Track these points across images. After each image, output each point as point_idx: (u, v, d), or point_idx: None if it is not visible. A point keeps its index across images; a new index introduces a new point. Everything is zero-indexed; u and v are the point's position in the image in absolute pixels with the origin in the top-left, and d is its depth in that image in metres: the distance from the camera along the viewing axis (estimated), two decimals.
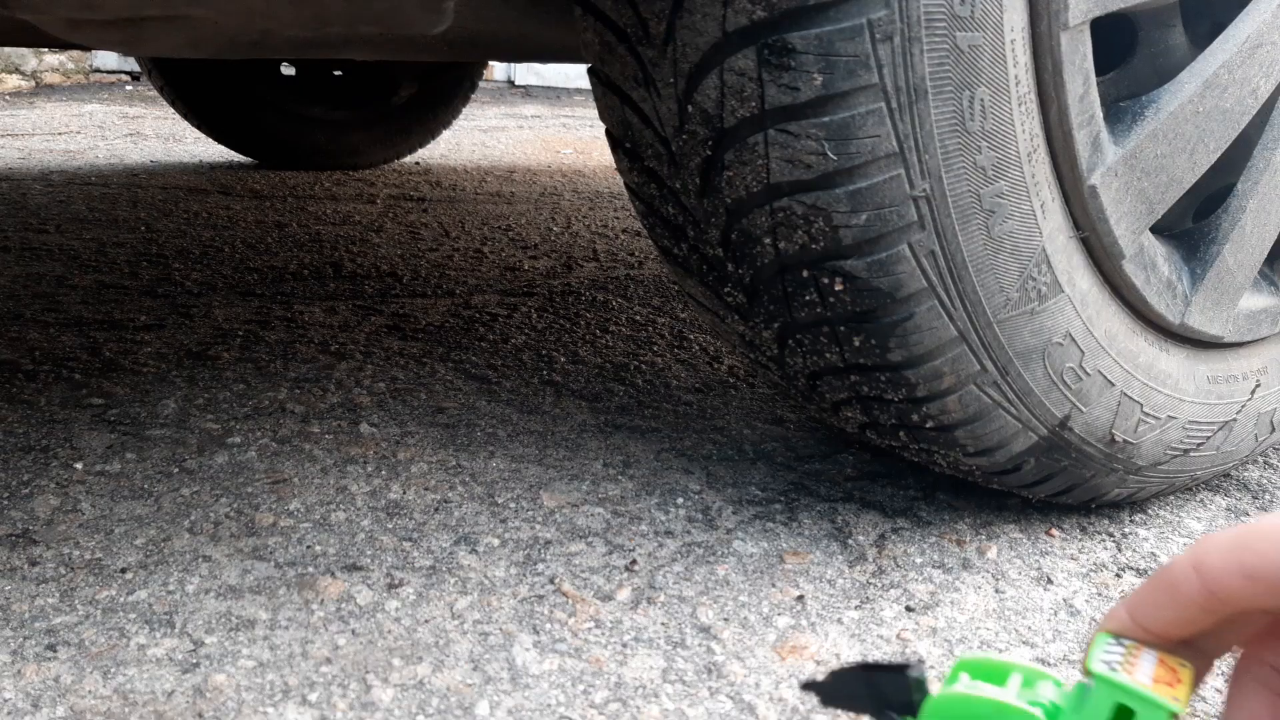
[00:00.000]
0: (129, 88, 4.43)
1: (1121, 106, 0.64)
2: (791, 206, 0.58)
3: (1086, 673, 0.37)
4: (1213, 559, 0.34)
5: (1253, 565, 0.33)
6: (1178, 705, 0.35)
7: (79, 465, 0.75)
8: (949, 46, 0.54)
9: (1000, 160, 0.58)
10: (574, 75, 5.11)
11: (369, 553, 0.64)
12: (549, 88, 5.22)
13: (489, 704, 0.49)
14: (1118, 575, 0.67)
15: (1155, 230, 0.69)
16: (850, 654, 0.55)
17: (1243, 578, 0.34)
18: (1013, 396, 0.64)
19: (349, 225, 1.75)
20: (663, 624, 0.56)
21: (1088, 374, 0.65)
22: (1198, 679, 0.38)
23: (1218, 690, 0.54)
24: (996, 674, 0.40)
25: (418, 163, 2.56)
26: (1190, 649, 0.38)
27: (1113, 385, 0.67)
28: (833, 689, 0.48)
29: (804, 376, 0.67)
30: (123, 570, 0.60)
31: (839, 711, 0.53)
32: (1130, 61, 0.68)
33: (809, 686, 0.49)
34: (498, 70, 5.28)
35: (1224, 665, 0.44)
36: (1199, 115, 0.64)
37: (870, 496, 0.76)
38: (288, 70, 2.33)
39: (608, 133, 0.69)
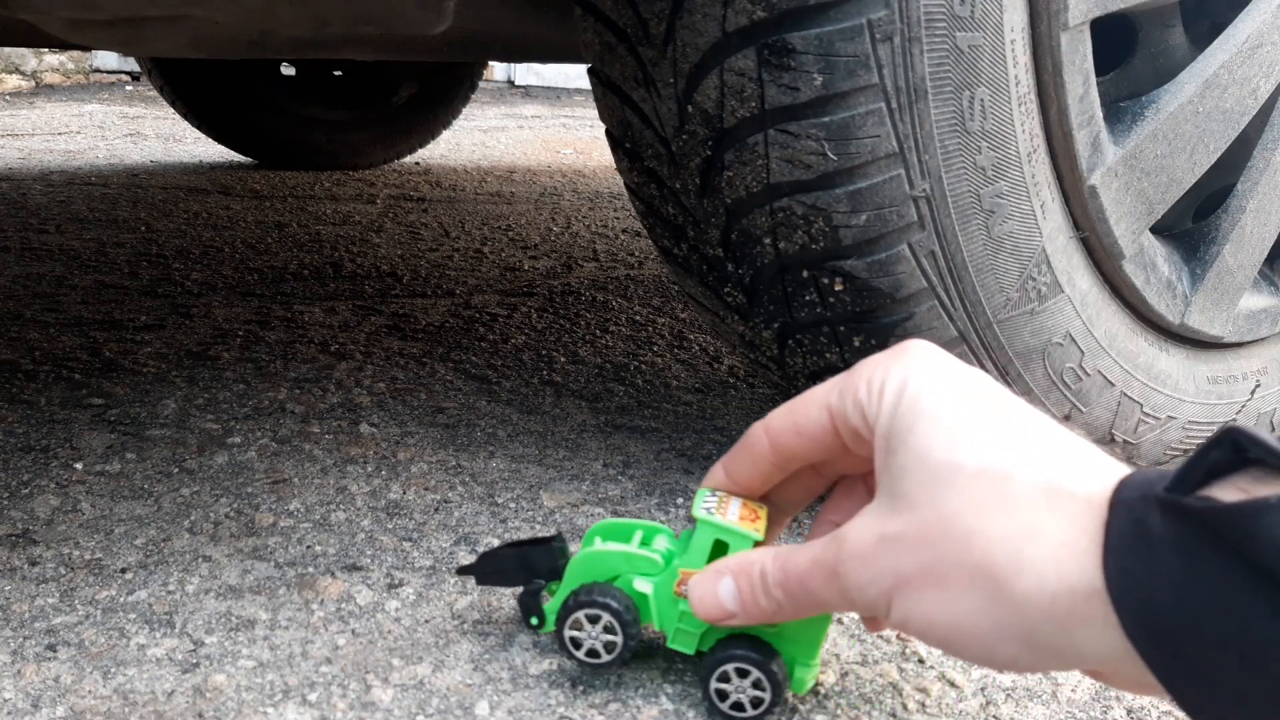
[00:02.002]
0: (129, 88, 4.43)
1: (1121, 107, 0.64)
2: (791, 207, 0.58)
3: (691, 520, 0.47)
4: (775, 420, 0.45)
5: (801, 424, 0.44)
6: (758, 534, 0.46)
7: (79, 465, 0.75)
8: (949, 46, 0.54)
9: (1000, 160, 0.58)
10: (574, 75, 5.10)
11: (369, 553, 0.64)
12: (549, 88, 5.22)
13: (489, 704, 0.49)
14: None
15: (1155, 230, 0.69)
16: (849, 654, 0.55)
17: (794, 434, 0.44)
18: None
19: (349, 225, 1.75)
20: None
21: (1087, 374, 0.65)
22: (777, 521, 0.50)
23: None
24: (623, 533, 0.52)
25: (418, 163, 2.56)
26: (772, 507, 0.49)
27: (1112, 385, 0.67)
28: (486, 568, 0.58)
29: (804, 377, 0.67)
30: (123, 570, 0.60)
31: (494, 588, 0.60)
32: (1130, 61, 0.68)
33: (464, 570, 0.56)
34: (498, 70, 5.28)
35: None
36: (1199, 115, 0.64)
37: None
38: (288, 70, 2.33)
39: (608, 133, 0.69)
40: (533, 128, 3.66)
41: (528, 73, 5.27)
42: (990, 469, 0.37)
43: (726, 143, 0.59)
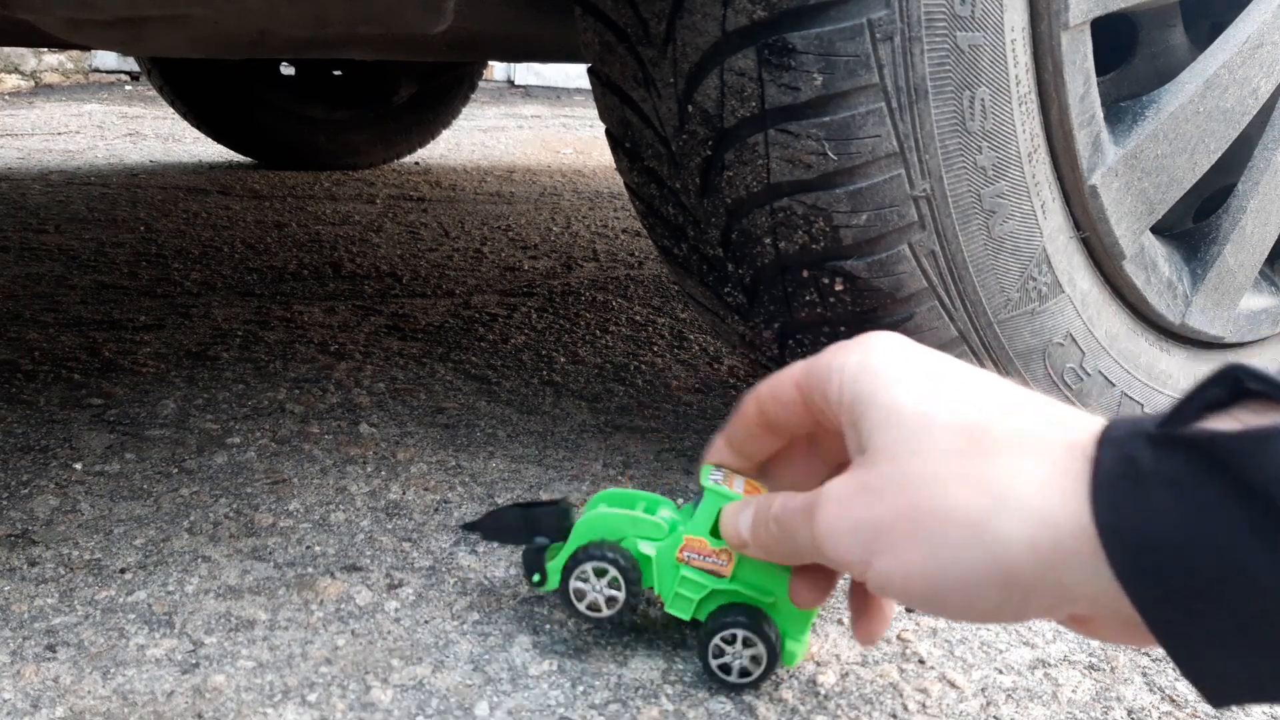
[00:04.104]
0: (128, 88, 4.43)
1: (1122, 106, 0.64)
2: (792, 206, 0.58)
3: (700, 491, 0.50)
4: (761, 388, 0.47)
5: (777, 393, 0.45)
6: None
7: (78, 465, 0.75)
8: (949, 46, 0.54)
9: (1001, 160, 0.58)
10: (574, 75, 5.10)
11: (368, 553, 0.64)
12: (549, 88, 5.22)
13: (489, 704, 0.49)
14: None
15: (1156, 230, 0.69)
16: (850, 654, 0.55)
17: (774, 402, 0.46)
18: None
19: (349, 225, 1.74)
20: (662, 625, 0.56)
21: (1088, 374, 0.65)
22: None
23: None
24: (627, 501, 0.54)
25: (417, 163, 2.56)
26: (767, 481, 0.50)
27: (1113, 386, 0.67)
28: (492, 526, 0.58)
29: None
30: (122, 570, 0.60)
31: (497, 545, 0.63)
32: (1131, 61, 0.68)
33: (470, 527, 0.57)
34: (498, 70, 5.28)
35: None
36: (1199, 115, 0.64)
37: None
38: (287, 70, 2.33)
39: (608, 133, 0.69)
40: (532, 127, 3.66)
41: (528, 73, 5.27)
42: (966, 421, 0.36)
43: (727, 142, 0.59)
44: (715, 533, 0.49)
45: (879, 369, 0.40)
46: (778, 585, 0.49)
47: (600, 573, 0.50)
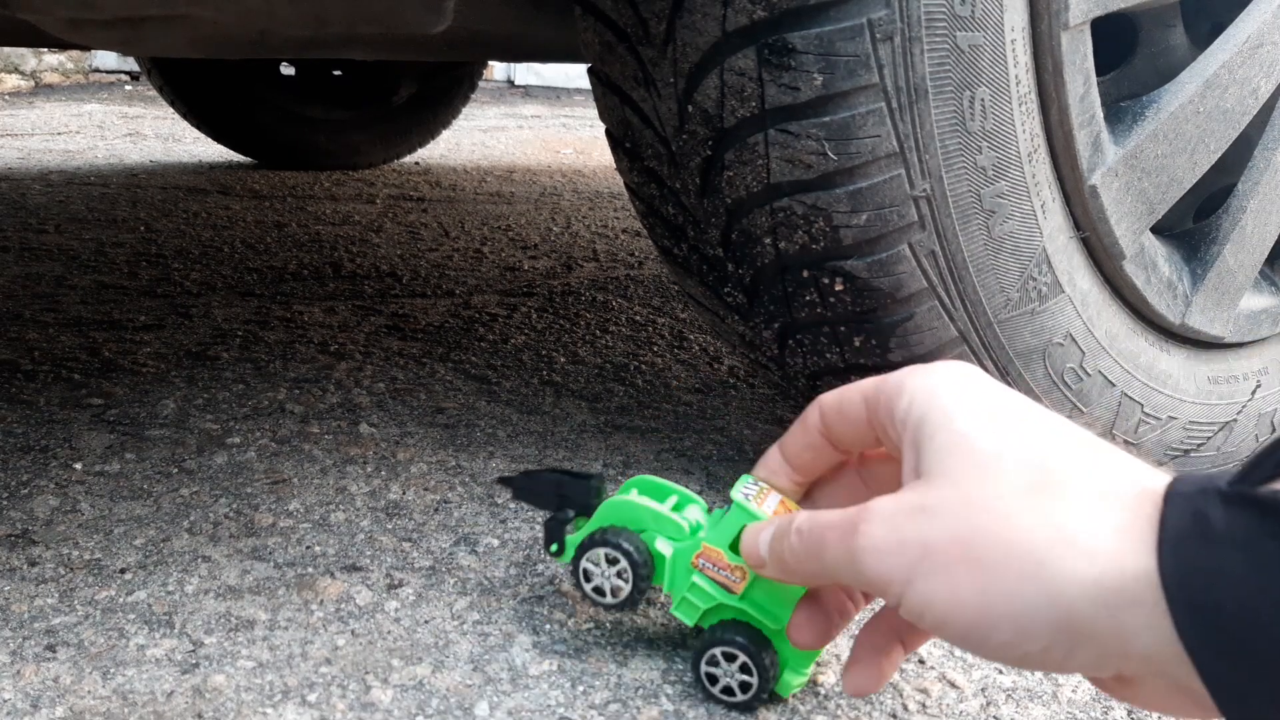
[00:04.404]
0: (128, 88, 4.43)
1: (1122, 106, 0.64)
2: (792, 206, 0.58)
3: (728, 501, 0.48)
4: (827, 399, 0.46)
5: (845, 408, 0.45)
6: None
7: (78, 465, 0.75)
8: (949, 46, 0.54)
9: (1001, 160, 0.58)
10: (574, 75, 5.10)
11: (368, 553, 0.64)
12: (549, 88, 5.22)
13: (489, 704, 0.49)
14: None
15: (1156, 230, 0.69)
16: (849, 652, 0.55)
17: (839, 415, 0.45)
18: None
19: (349, 225, 1.75)
20: (662, 625, 0.56)
21: (1088, 374, 0.65)
22: None
23: None
24: (660, 493, 0.53)
25: (417, 163, 2.56)
26: (810, 505, 0.49)
27: (1113, 386, 0.67)
28: (524, 487, 0.57)
29: (804, 377, 0.67)
30: (122, 570, 0.60)
31: (526, 506, 0.64)
32: (1131, 61, 0.68)
33: (503, 481, 0.59)
34: (498, 70, 5.28)
35: None
36: (1199, 115, 0.64)
37: None
38: (287, 70, 2.33)
39: (608, 133, 0.69)
40: (532, 127, 3.66)
41: (528, 73, 5.27)
42: (1037, 461, 0.35)
43: (727, 142, 0.59)
44: (735, 547, 0.48)
45: (952, 394, 0.39)
46: (785, 613, 0.48)
47: (611, 560, 0.50)
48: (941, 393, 0.39)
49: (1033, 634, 0.33)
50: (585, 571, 0.51)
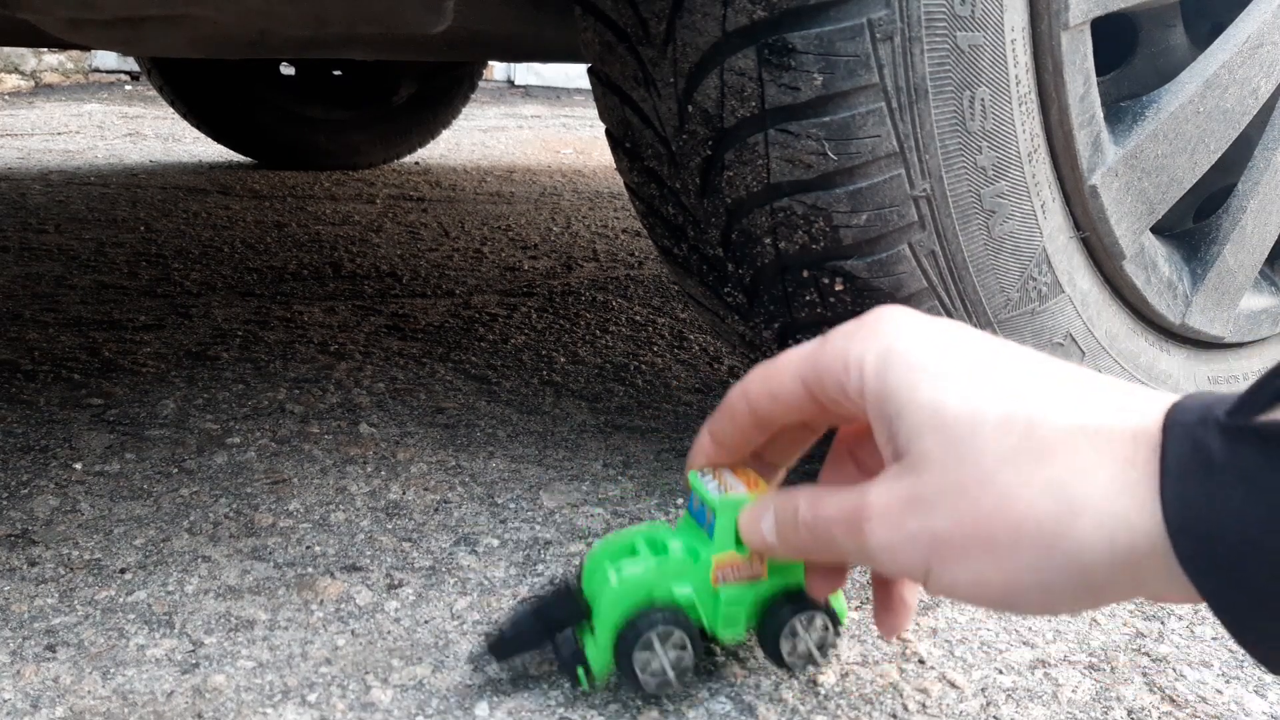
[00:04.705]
0: (128, 88, 4.43)
1: (1122, 106, 0.64)
2: (792, 206, 0.58)
3: (706, 504, 0.46)
4: (752, 386, 0.44)
5: (775, 391, 0.43)
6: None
7: (78, 465, 0.75)
8: (949, 46, 0.54)
9: (1001, 160, 0.58)
10: (574, 75, 5.10)
11: (368, 553, 0.64)
12: (549, 88, 5.22)
13: (489, 704, 0.49)
14: None
15: (1156, 230, 0.69)
16: (849, 655, 0.55)
17: (770, 399, 0.43)
18: None
19: (349, 225, 1.75)
20: None
21: None
22: (769, 479, 0.49)
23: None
24: (625, 546, 0.49)
25: (417, 163, 2.56)
26: (762, 464, 0.48)
27: None
28: (511, 640, 0.50)
29: None
30: (122, 570, 0.60)
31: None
32: (1131, 61, 0.68)
33: (492, 650, 0.50)
34: (498, 70, 5.28)
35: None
36: (1199, 115, 0.64)
37: None
38: (287, 70, 2.33)
39: (608, 133, 0.69)
40: (532, 127, 3.66)
41: (528, 73, 5.27)
42: (1014, 416, 0.34)
43: (727, 142, 0.59)
44: (739, 542, 0.46)
45: (909, 359, 0.37)
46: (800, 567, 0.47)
47: (665, 637, 0.46)
48: (895, 359, 0.37)
49: (1059, 595, 0.34)
50: (642, 663, 0.46)
